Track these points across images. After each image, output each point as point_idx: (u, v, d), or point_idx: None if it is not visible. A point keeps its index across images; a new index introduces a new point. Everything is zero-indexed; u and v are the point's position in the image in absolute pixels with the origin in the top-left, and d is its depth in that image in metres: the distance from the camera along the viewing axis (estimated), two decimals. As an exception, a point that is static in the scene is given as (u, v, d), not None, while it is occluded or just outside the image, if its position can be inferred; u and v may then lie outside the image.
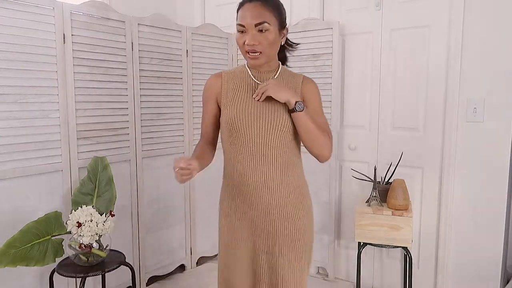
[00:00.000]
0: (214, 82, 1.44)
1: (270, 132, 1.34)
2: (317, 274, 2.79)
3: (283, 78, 1.43)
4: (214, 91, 1.43)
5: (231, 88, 1.41)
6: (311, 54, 2.62)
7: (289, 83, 1.42)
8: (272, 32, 1.33)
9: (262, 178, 1.35)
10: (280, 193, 1.37)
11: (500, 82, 2.13)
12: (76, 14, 2.08)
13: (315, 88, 1.45)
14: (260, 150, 1.34)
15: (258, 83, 1.40)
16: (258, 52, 1.32)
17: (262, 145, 1.34)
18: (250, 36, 1.30)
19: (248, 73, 1.43)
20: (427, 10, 2.32)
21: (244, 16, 1.32)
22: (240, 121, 1.34)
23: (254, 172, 1.35)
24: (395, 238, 2.14)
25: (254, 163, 1.34)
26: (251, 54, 1.33)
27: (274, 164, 1.35)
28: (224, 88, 1.41)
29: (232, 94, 1.40)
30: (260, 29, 1.30)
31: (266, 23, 1.31)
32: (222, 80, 1.42)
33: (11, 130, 1.87)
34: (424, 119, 2.38)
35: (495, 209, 2.19)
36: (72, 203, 1.99)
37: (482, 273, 2.25)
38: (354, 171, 2.47)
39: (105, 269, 1.86)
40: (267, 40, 1.32)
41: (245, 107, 1.36)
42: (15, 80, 1.87)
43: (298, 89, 1.41)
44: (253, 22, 1.30)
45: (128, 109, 2.36)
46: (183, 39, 2.64)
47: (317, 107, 1.42)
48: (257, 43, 1.31)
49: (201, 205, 2.88)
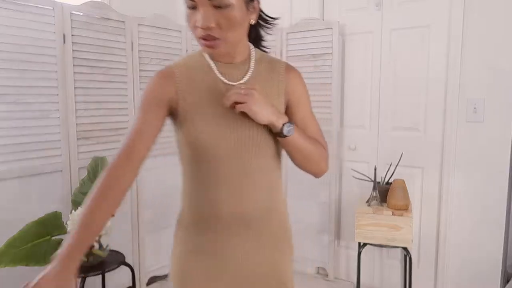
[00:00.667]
0: (164, 83, 0.98)
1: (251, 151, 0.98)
2: (317, 274, 2.79)
3: (259, 71, 1.02)
4: (165, 95, 0.97)
5: (189, 92, 0.97)
6: (311, 54, 2.62)
7: (268, 76, 1.03)
8: (236, 8, 0.89)
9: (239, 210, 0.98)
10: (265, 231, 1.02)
11: (500, 82, 2.13)
12: (76, 14, 2.08)
13: (303, 81, 1.08)
14: (238, 174, 0.97)
15: (226, 82, 0.98)
16: (216, 39, 0.90)
17: (240, 168, 0.97)
18: (203, 15, 0.88)
19: (209, 66, 0.99)
20: (427, 10, 2.31)
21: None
22: (209, 139, 0.95)
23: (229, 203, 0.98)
24: (395, 238, 2.14)
25: (231, 191, 0.98)
26: (207, 41, 0.91)
27: (256, 191, 1.00)
28: (181, 90, 0.97)
29: (192, 99, 0.97)
30: (217, 4, 0.87)
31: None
32: (175, 80, 0.97)
33: (11, 130, 1.87)
34: (424, 119, 2.38)
35: (495, 209, 2.19)
36: (72, 203, 1.99)
37: (482, 273, 2.25)
38: (354, 171, 2.47)
39: (105, 269, 1.86)
40: (229, 21, 0.89)
41: (213, 119, 0.96)
42: (15, 80, 1.87)
43: (282, 84, 1.03)
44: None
45: (128, 109, 2.36)
46: (183, 39, 2.64)
47: (308, 109, 1.08)
48: (213, 24, 0.88)
49: (201, 205, 2.87)
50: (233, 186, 0.98)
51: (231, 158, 0.97)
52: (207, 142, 0.95)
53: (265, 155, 1.00)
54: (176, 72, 0.99)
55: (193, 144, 0.97)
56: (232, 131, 0.96)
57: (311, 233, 2.76)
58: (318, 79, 2.61)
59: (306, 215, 2.76)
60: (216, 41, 0.91)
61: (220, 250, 1.00)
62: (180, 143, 1.02)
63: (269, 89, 1.02)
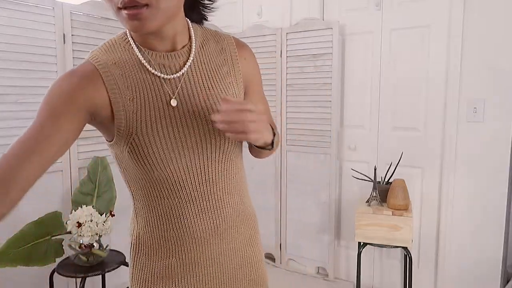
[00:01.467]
0: (84, 82, 0.74)
1: (213, 159, 0.80)
2: (317, 274, 2.79)
3: (207, 54, 0.82)
4: (83, 98, 0.74)
5: (119, 83, 0.75)
6: (311, 54, 2.62)
7: (218, 60, 0.83)
8: None
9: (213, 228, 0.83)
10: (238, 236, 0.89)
11: (500, 82, 2.13)
12: (76, 14, 2.08)
13: (255, 59, 0.91)
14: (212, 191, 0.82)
15: (162, 76, 0.77)
16: (142, 6, 0.67)
17: (204, 182, 0.81)
18: None
19: (138, 59, 0.77)
20: (427, 10, 2.32)
21: None
22: (160, 153, 0.76)
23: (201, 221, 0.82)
24: (395, 238, 2.14)
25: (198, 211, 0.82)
26: (130, 10, 0.68)
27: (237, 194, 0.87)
28: (113, 92, 0.75)
29: (130, 103, 0.75)
30: None
31: None
32: (102, 79, 0.75)
33: (11, 130, 1.87)
34: (424, 119, 2.38)
35: (495, 209, 2.19)
36: (72, 203, 1.99)
37: (482, 273, 2.25)
38: (354, 171, 2.47)
39: (105, 269, 1.86)
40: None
41: (162, 127, 0.76)
42: (15, 80, 1.87)
43: (237, 67, 0.85)
44: None
45: (128, 109, 2.36)
46: (183, 39, 2.64)
47: (260, 89, 0.94)
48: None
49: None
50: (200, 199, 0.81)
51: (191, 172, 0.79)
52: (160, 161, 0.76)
53: (232, 162, 0.84)
54: (100, 69, 0.74)
55: (142, 163, 0.76)
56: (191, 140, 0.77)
57: (311, 233, 2.76)
58: (318, 79, 2.61)
59: (306, 215, 2.76)
60: (143, 10, 0.66)
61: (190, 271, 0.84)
62: (122, 159, 0.80)
63: (224, 77, 0.82)
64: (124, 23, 0.71)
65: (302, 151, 2.74)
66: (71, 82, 0.73)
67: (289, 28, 2.71)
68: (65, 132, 0.72)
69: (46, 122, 0.71)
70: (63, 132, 0.72)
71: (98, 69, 0.74)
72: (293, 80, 2.72)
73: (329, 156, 2.64)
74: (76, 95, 0.72)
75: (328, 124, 2.60)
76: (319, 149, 2.66)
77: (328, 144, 2.62)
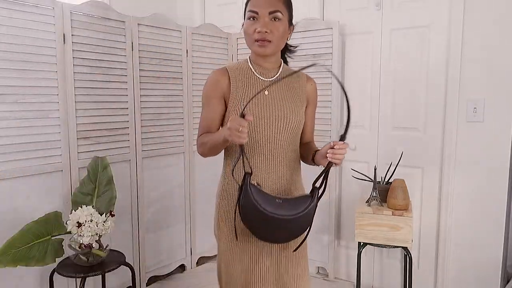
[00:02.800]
0: (220, 79, 1.35)
1: (285, 131, 1.34)
2: (317, 274, 2.79)
3: (283, 75, 1.40)
4: (220, 89, 1.35)
5: (239, 86, 1.34)
6: (311, 54, 2.62)
7: (293, 83, 1.41)
8: (284, 23, 1.31)
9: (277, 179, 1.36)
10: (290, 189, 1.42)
11: (500, 82, 2.13)
12: (76, 14, 2.08)
13: (316, 90, 1.50)
14: (274, 149, 1.34)
15: (262, 79, 1.37)
16: (267, 41, 1.29)
17: (276, 145, 1.34)
18: (263, 23, 1.28)
19: (251, 70, 1.38)
20: (427, 10, 2.32)
21: (258, 3, 1.29)
22: (254, 123, 1.30)
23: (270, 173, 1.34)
24: (395, 238, 2.14)
25: (268, 164, 1.34)
26: (261, 43, 1.29)
27: (287, 163, 1.38)
28: (233, 86, 1.34)
29: (241, 93, 1.34)
30: (274, 17, 1.29)
31: (280, 12, 1.29)
32: (229, 77, 1.35)
33: (11, 130, 1.87)
34: (424, 119, 2.38)
35: (495, 209, 2.19)
36: (72, 203, 1.99)
37: (482, 273, 2.25)
38: (354, 171, 2.47)
39: (105, 269, 1.86)
40: (278, 30, 1.29)
41: (258, 107, 1.32)
42: (15, 80, 1.87)
43: (303, 89, 1.43)
44: (267, 10, 1.28)
45: (128, 109, 2.36)
46: (183, 39, 2.64)
47: (314, 109, 1.51)
48: (268, 31, 1.28)
49: (201, 205, 2.88)
50: (270, 161, 1.35)
51: (270, 138, 1.33)
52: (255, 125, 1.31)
53: (296, 136, 1.41)
54: (230, 72, 1.37)
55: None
56: (273, 117, 1.34)
57: (311, 233, 2.74)
58: (318, 79, 2.59)
59: (306, 215, 2.76)
60: (266, 43, 1.30)
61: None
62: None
63: (296, 96, 1.41)
64: (255, 48, 1.33)
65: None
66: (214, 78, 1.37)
67: (289, 28, 2.70)
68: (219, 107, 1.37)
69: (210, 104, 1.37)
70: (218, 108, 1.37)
71: (228, 72, 1.37)
72: (293, 80, 2.72)
73: (329, 156, 2.63)
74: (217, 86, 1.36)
75: (328, 124, 2.60)
76: (319, 149, 2.66)
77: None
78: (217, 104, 1.35)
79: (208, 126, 1.36)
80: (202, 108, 1.38)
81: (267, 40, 1.28)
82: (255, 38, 1.29)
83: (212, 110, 1.36)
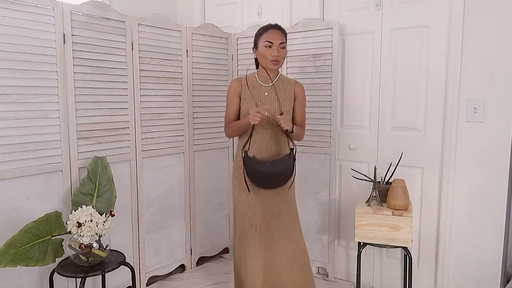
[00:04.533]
0: (237, 85, 2.09)
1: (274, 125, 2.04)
2: (317, 274, 2.79)
3: (282, 81, 2.11)
4: (237, 91, 2.08)
5: (248, 89, 2.07)
6: (311, 54, 2.62)
7: (287, 85, 2.11)
8: (286, 49, 2.07)
9: (273, 146, 2.05)
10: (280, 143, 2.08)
11: (500, 82, 2.13)
12: (76, 14, 2.08)
13: (303, 89, 2.17)
14: (272, 129, 2.04)
15: (262, 84, 2.09)
16: (278, 61, 2.01)
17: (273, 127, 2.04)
18: (277, 50, 1.99)
19: (257, 78, 2.10)
20: (427, 10, 2.32)
21: (273, 36, 1.99)
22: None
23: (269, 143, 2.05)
24: (395, 238, 2.14)
25: (269, 137, 2.05)
26: (275, 62, 2.00)
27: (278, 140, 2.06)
28: (245, 88, 2.07)
29: (250, 91, 2.07)
30: (282, 46, 2.02)
31: (285, 43, 2.04)
32: (241, 84, 2.08)
33: (11, 130, 1.87)
34: (424, 119, 2.38)
35: (495, 209, 2.19)
36: (72, 203, 1.99)
37: (482, 273, 2.25)
38: (354, 171, 2.47)
39: (105, 269, 1.86)
40: (284, 54, 2.05)
41: (261, 103, 2.06)
42: (15, 80, 1.87)
43: (292, 90, 2.11)
44: (279, 41, 2.00)
45: (128, 109, 2.36)
46: (183, 39, 2.64)
47: (303, 102, 2.16)
48: (279, 54, 2.00)
49: (201, 205, 2.88)
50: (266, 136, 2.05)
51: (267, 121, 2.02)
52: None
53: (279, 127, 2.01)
54: (242, 81, 2.09)
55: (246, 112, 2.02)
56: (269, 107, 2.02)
57: (311, 233, 2.77)
58: (318, 79, 2.62)
59: (306, 215, 2.76)
60: (277, 62, 2.01)
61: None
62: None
63: (286, 95, 2.10)
64: (270, 66, 2.02)
65: (302, 151, 2.74)
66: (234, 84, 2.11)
67: (289, 28, 2.70)
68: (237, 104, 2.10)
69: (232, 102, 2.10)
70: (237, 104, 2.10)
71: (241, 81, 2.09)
72: (293, 80, 2.72)
73: (329, 156, 2.64)
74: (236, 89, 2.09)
75: (328, 124, 2.61)
76: (319, 149, 2.67)
77: (328, 144, 2.63)
78: (236, 101, 2.09)
79: (230, 118, 2.10)
80: (226, 105, 2.11)
81: (277, 60, 2.00)
82: (271, 59, 1.99)
83: (233, 105, 2.09)
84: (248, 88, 2.05)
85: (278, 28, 2.03)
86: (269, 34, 1.99)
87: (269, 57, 1.98)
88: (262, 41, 2.00)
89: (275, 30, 2.01)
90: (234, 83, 2.09)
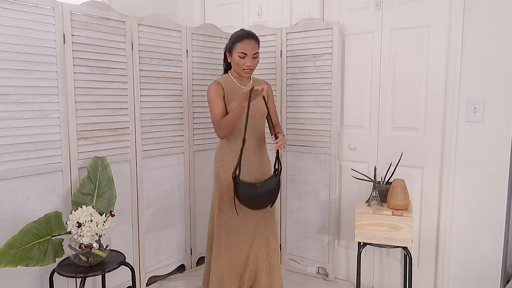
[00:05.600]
0: (219, 87, 2.13)
1: (256, 116, 2.16)
2: (317, 274, 2.79)
3: (254, 82, 2.21)
4: (221, 93, 2.12)
5: (229, 91, 2.15)
6: (311, 54, 2.62)
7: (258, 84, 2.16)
8: (258, 58, 2.18)
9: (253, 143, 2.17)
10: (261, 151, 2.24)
11: (500, 82, 2.13)
12: (76, 14, 2.08)
13: (271, 88, 2.36)
14: (252, 126, 2.14)
15: (240, 87, 2.17)
16: (251, 70, 2.14)
17: (253, 124, 2.15)
18: (250, 60, 2.11)
19: (234, 81, 2.19)
20: (427, 10, 2.32)
21: (246, 47, 2.09)
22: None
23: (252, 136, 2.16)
24: (395, 238, 2.14)
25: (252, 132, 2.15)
26: (247, 71, 2.13)
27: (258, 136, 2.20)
28: (226, 91, 2.14)
29: (231, 94, 2.14)
30: (254, 56, 2.13)
31: (258, 53, 2.15)
32: (222, 87, 2.14)
33: (11, 130, 1.87)
34: (424, 119, 2.38)
35: (495, 209, 2.19)
36: (72, 203, 1.99)
37: (482, 273, 2.25)
38: (354, 171, 2.47)
39: (105, 269, 1.86)
40: (256, 63, 2.17)
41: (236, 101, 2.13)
42: (15, 80, 1.87)
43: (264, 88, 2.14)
44: (252, 52, 2.11)
45: (128, 109, 2.36)
46: (183, 39, 2.64)
47: (273, 100, 2.37)
48: (252, 64, 2.12)
49: (201, 205, 2.88)
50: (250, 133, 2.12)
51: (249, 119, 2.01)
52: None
53: (263, 119, 2.21)
54: (222, 83, 2.15)
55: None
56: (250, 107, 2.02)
57: (311, 233, 2.77)
58: (318, 79, 2.62)
59: (306, 215, 2.76)
60: (250, 71, 2.14)
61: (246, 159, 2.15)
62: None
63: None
64: (243, 73, 2.15)
65: (302, 151, 2.74)
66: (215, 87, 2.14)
67: (289, 28, 2.71)
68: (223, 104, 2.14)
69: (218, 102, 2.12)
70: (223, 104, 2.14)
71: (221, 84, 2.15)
72: (293, 80, 2.72)
73: (329, 156, 2.64)
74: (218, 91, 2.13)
75: (328, 124, 2.61)
76: (319, 149, 2.67)
77: (328, 144, 2.63)
78: (221, 101, 2.13)
79: (221, 114, 2.11)
80: (212, 107, 2.12)
81: (250, 69, 2.13)
82: (243, 68, 2.11)
83: (220, 104, 2.12)
84: (229, 90, 2.13)
85: (252, 37, 2.11)
86: (243, 45, 2.07)
87: (243, 66, 2.09)
88: (236, 51, 2.08)
89: (249, 41, 2.09)
90: (215, 86, 2.12)
